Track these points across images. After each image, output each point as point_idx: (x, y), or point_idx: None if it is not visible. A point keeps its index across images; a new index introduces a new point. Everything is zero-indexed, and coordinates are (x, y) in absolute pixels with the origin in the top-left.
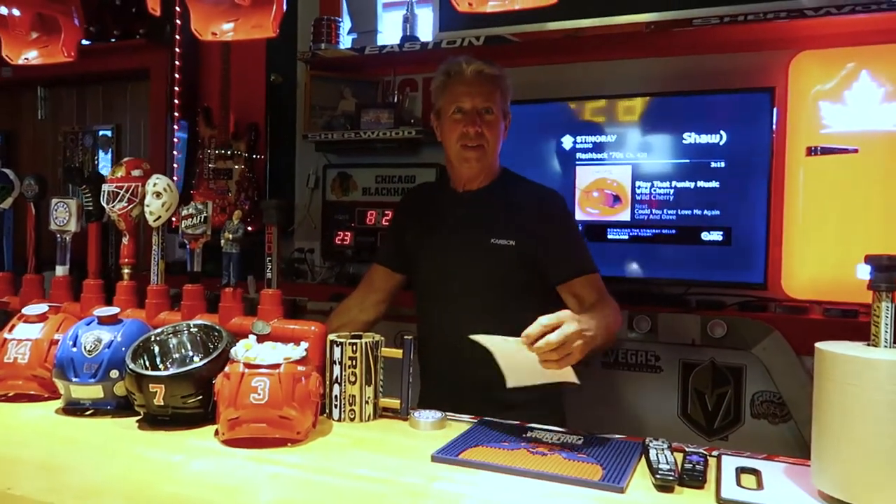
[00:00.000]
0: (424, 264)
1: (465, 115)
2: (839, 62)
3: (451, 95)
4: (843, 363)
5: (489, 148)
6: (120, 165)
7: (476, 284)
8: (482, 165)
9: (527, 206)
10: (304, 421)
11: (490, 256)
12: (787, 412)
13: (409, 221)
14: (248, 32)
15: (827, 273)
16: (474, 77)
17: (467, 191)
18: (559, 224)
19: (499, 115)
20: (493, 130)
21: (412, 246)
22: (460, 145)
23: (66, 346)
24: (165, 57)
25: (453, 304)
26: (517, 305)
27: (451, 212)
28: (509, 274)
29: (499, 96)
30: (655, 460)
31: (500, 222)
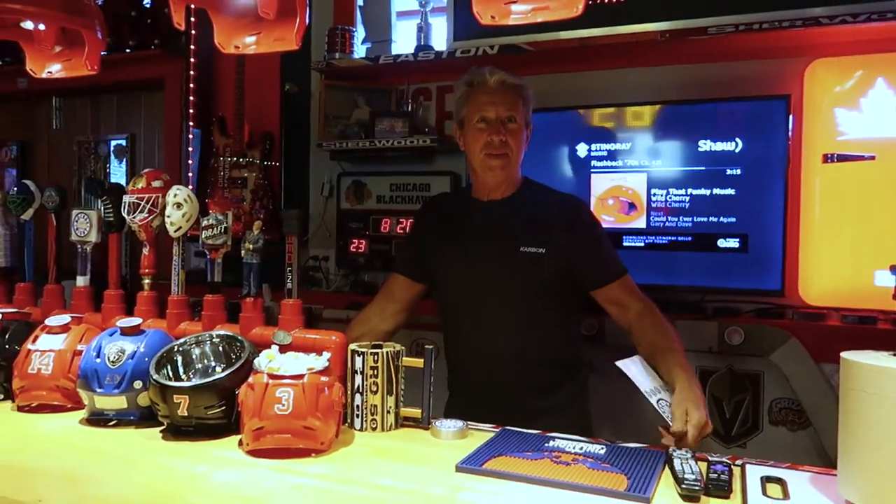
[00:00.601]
0: (450, 274)
1: (489, 124)
2: (854, 69)
3: (475, 105)
4: (870, 373)
5: (513, 156)
6: (140, 176)
7: (505, 293)
8: (506, 174)
9: (554, 213)
10: (327, 431)
11: (520, 264)
12: (805, 419)
13: (430, 231)
14: (270, 46)
15: (844, 280)
16: (498, 87)
17: (492, 200)
18: (588, 231)
19: (522, 124)
20: (516, 139)
21: (434, 256)
22: (484, 154)
23: (90, 357)
24: (180, 67)
25: (482, 313)
26: (546, 313)
27: (475, 221)
28: (539, 282)
29: (521, 105)
30: (680, 470)
31: (529, 230)
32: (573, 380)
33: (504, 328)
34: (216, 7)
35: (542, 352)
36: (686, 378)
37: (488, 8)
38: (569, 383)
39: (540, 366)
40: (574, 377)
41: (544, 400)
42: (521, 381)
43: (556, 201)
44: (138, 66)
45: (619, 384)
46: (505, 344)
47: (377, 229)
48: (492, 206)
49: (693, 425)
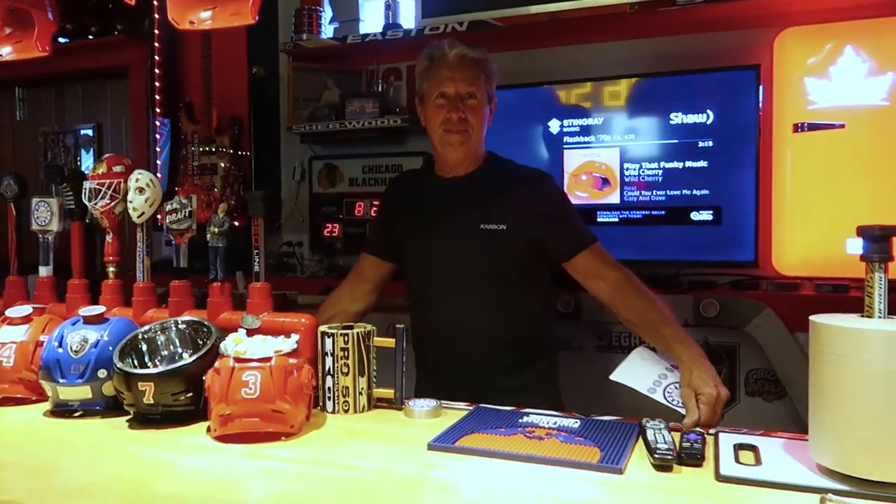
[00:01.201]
0: (414, 253)
1: (448, 100)
2: (823, 38)
3: (435, 80)
4: (838, 335)
5: (473, 133)
6: (101, 162)
7: (468, 271)
8: (466, 150)
9: (516, 188)
10: (297, 414)
11: (481, 242)
12: (781, 389)
13: (396, 209)
14: (226, 20)
15: (817, 249)
16: (457, 61)
17: (454, 177)
18: (552, 202)
19: (483, 99)
20: (476, 115)
21: (401, 235)
22: (443, 130)
23: (52, 348)
24: (145, 52)
25: (446, 292)
26: (510, 290)
27: (438, 199)
28: (502, 259)
29: (483, 81)
30: (653, 440)
31: (490, 207)
32: (541, 359)
33: (467, 307)
34: None
35: (507, 330)
36: (686, 352)
37: None
38: (537, 362)
39: (506, 344)
40: (542, 356)
41: (512, 379)
42: (488, 360)
43: (518, 175)
44: (102, 53)
45: (595, 362)
46: (469, 323)
47: (351, 213)
48: (453, 182)
49: (704, 403)
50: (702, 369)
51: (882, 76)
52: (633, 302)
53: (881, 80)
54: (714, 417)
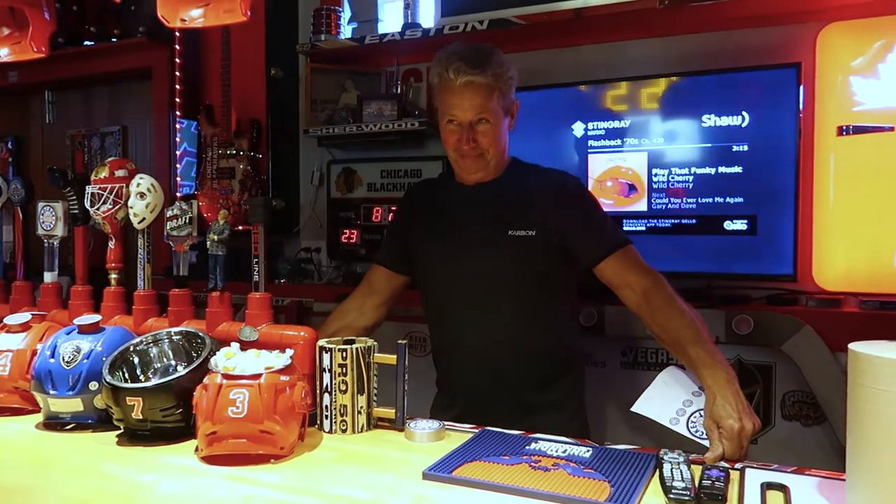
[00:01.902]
0: (434, 263)
1: (458, 125)
2: (871, 33)
3: (444, 103)
4: (880, 367)
5: (487, 153)
6: (104, 165)
7: (496, 280)
8: (484, 171)
9: (542, 193)
10: (287, 435)
11: (509, 250)
12: (821, 413)
13: (413, 219)
14: (219, 18)
15: (862, 262)
16: (464, 89)
17: (478, 182)
18: (580, 206)
19: (496, 119)
20: (488, 137)
21: (418, 245)
22: (456, 154)
23: (45, 357)
24: (167, 55)
25: (472, 303)
26: (540, 300)
27: (460, 206)
28: (530, 266)
29: (495, 100)
30: (669, 476)
31: (517, 213)
32: (571, 373)
33: (495, 318)
34: None
35: (537, 342)
36: (711, 377)
37: None
38: (568, 376)
39: (535, 357)
40: (571, 370)
41: (542, 395)
42: (516, 373)
43: (545, 179)
44: (126, 55)
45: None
46: (497, 335)
47: (368, 218)
48: (477, 189)
49: (726, 438)
50: (727, 397)
51: None
52: (658, 315)
53: None
54: (739, 452)
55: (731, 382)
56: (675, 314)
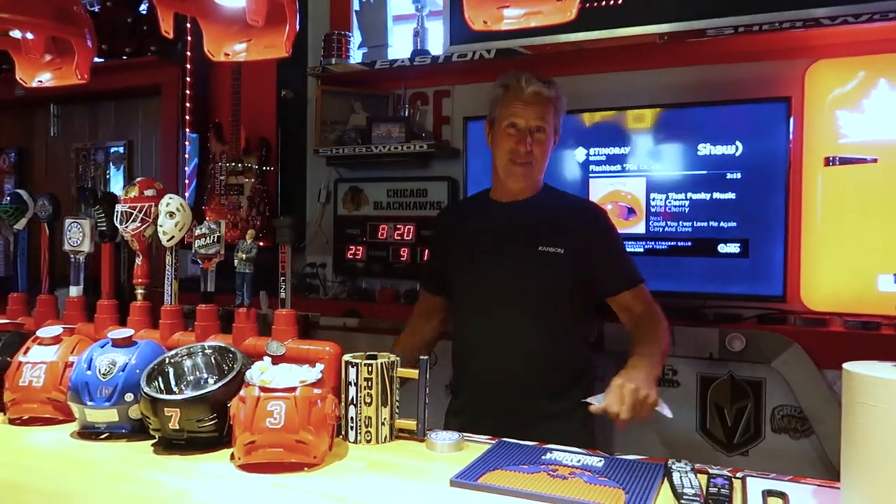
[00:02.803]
0: (464, 275)
1: (518, 130)
2: (856, 70)
3: (507, 109)
4: (872, 386)
5: (536, 164)
6: (133, 185)
7: (521, 292)
8: (528, 181)
9: (573, 217)
10: (320, 445)
11: (537, 264)
12: (808, 427)
13: (447, 240)
14: (260, 53)
15: (847, 285)
16: (532, 97)
17: (512, 201)
18: (606, 236)
19: (549, 133)
20: (542, 148)
21: (453, 262)
22: (509, 159)
23: (81, 370)
24: (177, 73)
25: (496, 311)
26: (561, 313)
27: (495, 221)
28: (556, 282)
29: (552, 115)
30: (679, 484)
31: (547, 231)
32: (581, 384)
33: (517, 327)
34: (205, 15)
35: (554, 353)
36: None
37: (480, 13)
38: (577, 388)
39: (551, 368)
40: (581, 381)
41: (552, 404)
42: (531, 382)
43: (575, 205)
44: (135, 72)
45: None
46: (517, 343)
47: (374, 235)
48: (511, 206)
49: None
50: (632, 369)
51: None
52: (639, 320)
53: None
54: (619, 406)
55: (644, 367)
56: (650, 321)
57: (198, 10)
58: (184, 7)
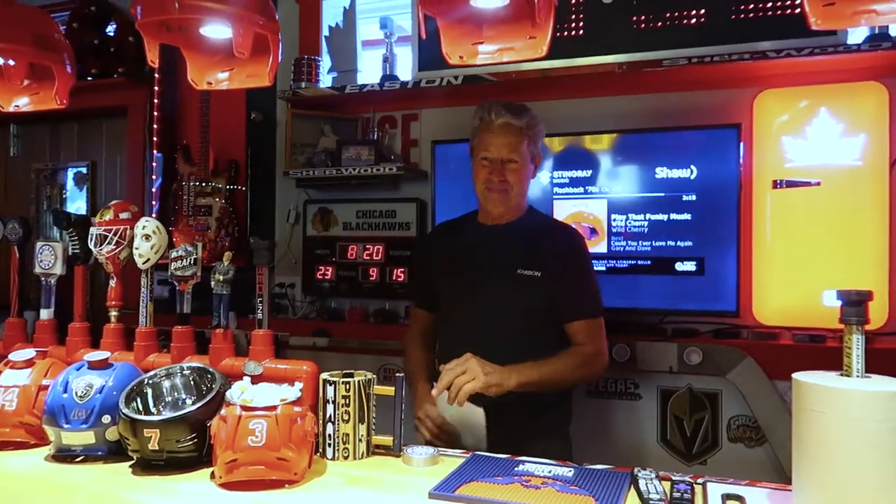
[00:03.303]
0: (450, 295)
1: (490, 162)
2: (800, 100)
3: (481, 142)
4: (819, 393)
5: (513, 190)
6: (108, 208)
7: (501, 313)
8: (506, 205)
9: (551, 241)
10: (300, 462)
11: (515, 287)
12: (762, 436)
13: (435, 258)
14: (242, 82)
15: (795, 300)
16: (501, 129)
17: (495, 224)
18: (577, 263)
19: (523, 161)
20: (516, 175)
21: (439, 280)
22: (485, 188)
23: (57, 392)
24: (143, 94)
25: (477, 335)
26: (539, 333)
27: (478, 244)
28: (534, 303)
29: (525, 145)
30: (645, 490)
31: (527, 255)
32: (561, 403)
33: (499, 346)
34: (189, 45)
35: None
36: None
37: (456, 49)
38: (557, 406)
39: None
40: (563, 400)
41: (534, 422)
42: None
43: (554, 229)
44: (101, 93)
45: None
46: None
47: (344, 256)
48: (493, 229)
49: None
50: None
51: (855, 137)
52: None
53: (854, 140)
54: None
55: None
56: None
57: (183, 41)
58: (169, 38)
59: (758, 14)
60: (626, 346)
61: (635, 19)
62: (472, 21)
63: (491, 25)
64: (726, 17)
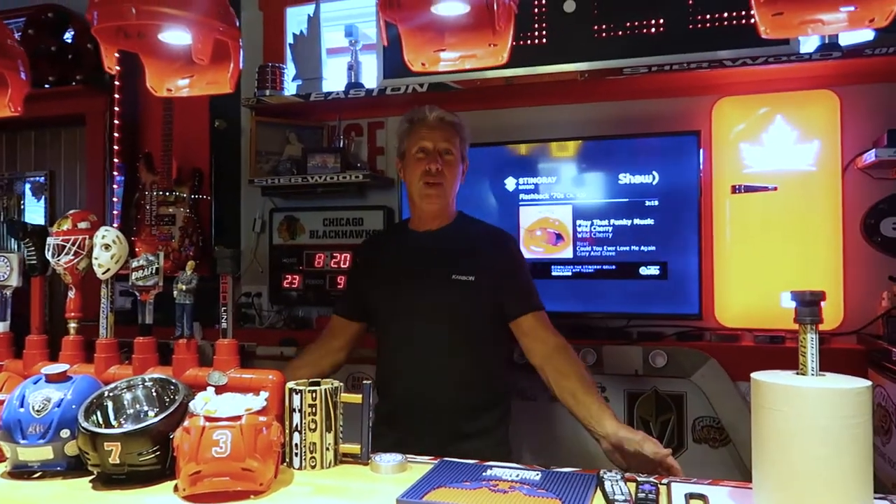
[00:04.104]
0: (386, 303)
1: (427, 154)
2: (756, 107)
3: (415, 137)
4: (776, 391)
5: (447, 186)
6: (66, 218)
7: (437, 319)
8: (442, 203)
9: (484, 244)
10: (266, 472)
11: (451, 291)
12: (726, 436)
13: (366, 269)
14: (203, 89)
15: (755, 302)
16: (436, 122)
17: (427, 230)
18: (514, 263)
19: (458, 157)
20: (451, 170)
21: (373, 291)
22: (423, 182)
23: (13, 407)
24: (103, 103)
25: (415, 339)
26: (476, 336)
27: (411, 251)
28: (469, 308)
29: (458, 141)
30: (611, 491)
31: (460, 259)
32: (499, 405)
33: (437, 351)
34: (148, 52)
35: (472, 374)
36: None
37: (419, 55)
38: (494, 408)
39: (470, 387)
40: (500, 402)
41: (470, 423)
42: (449, 403)
43: (486, 233)
44: (58, 101)
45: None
46: (438, 366)
47: (311, 264)
48: (427, 236)
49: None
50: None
51: (809, 143)
52: (564, 367)
53: (809, 146)
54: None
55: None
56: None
57: (141, 47)
58: (127, 44)
59: (714, 24)
60: (592, 349)
61: (596, 28)
62: (434, 28)
63: (452, 33)
64: (684, 27)
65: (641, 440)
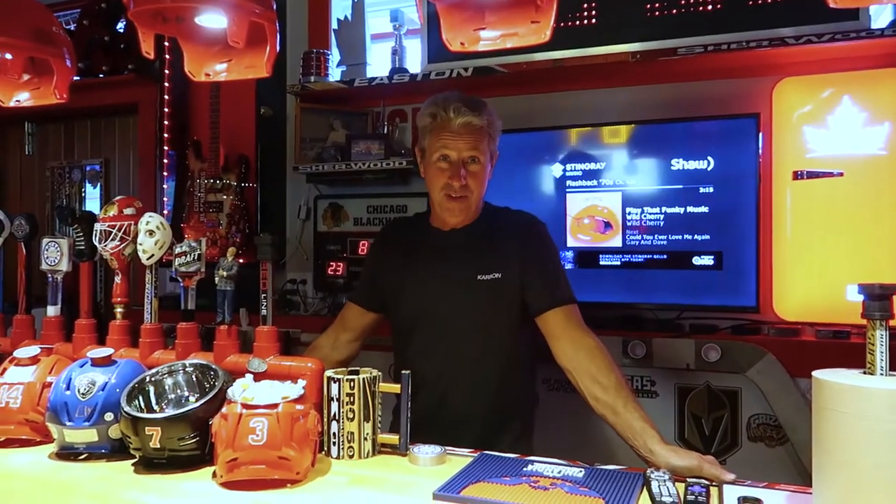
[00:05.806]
0: (406, 301)
1: (450, 164)
2: (821, 88)
3: (437, 141)
4: (840, 392)
5: (472, 197)
6: (112, 204)
7: (464, 322)
8: (463, 208)
9: (509, 236)
10: (302, 461)
11: (476, 293)
12: (783, 435)
13: (385, 259)
14: (241, 73)
15: (817, 295)
16: (461, 128)
17: (452, 228)
18: (537, 251)
19: (485, 161)
20: (477, 180)
21: (390, 284)
22: (444, 195)
23: (60, 390)
24: (154, 91)
25: (438, 341)
26: (503, 341)
27: (433, 249)
28: (494, 309)
29: (486, 143)
30: (658, 492)
31: (485, 258)
32: (523, 415)
33: (458, 356)
34: (185, 36)
35: (496, 383)
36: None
37: (458, 35)
38: (518, 418)
39: (492, 398)
40: (525, 412)
41: (492, 434)
42: (471, 413)
43: (512, 222)
44: (112, 90)
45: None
46: (459, 373)
47: (355, 251)
48: (450, 234)
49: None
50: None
51: (879, 126)
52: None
53: (878, 129)
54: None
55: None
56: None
57: (179, 31)
58: (165, 28)
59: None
60: (642, 342)
61: (649, 6)
62: (473, 6)
63: (492, 11)
64: (743, 3)
65: (698, 467)
